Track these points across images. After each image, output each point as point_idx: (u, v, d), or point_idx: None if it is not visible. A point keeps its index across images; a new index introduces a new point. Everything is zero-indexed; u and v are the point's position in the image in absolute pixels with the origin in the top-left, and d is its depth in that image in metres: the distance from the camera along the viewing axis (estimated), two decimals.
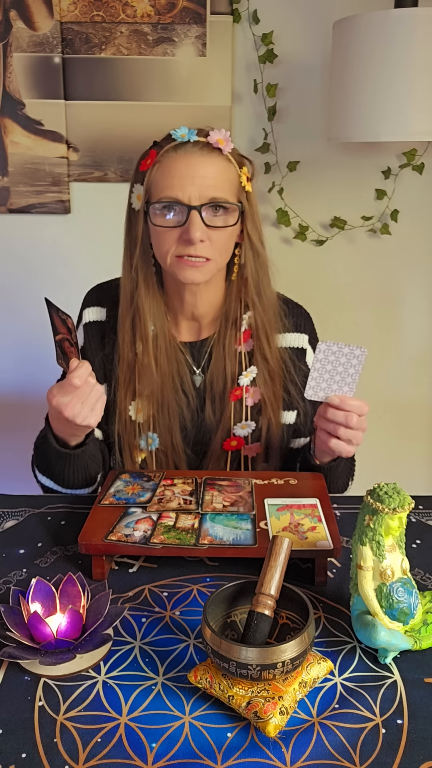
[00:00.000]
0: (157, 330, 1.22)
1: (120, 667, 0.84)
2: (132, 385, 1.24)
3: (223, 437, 1.27)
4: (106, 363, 1.27)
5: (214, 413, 1.27)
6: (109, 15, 1.97)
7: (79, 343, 1.09)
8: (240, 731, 0.75)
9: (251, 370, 1.25)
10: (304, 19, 2.00)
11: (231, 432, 1.27)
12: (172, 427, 1.25)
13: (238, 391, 1.25)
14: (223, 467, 1.29)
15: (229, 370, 1.25)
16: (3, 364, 2.29)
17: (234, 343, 1.25)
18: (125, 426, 1.25)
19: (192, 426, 1.28)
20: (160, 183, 1.13)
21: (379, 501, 0.83)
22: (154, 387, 1.23)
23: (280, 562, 0.81)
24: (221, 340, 1.25)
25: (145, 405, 1.24)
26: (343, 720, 0.76)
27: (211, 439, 1.28)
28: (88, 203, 2.13)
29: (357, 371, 1.08)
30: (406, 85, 1.62)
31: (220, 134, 1.14)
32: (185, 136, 1.12)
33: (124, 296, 1.22)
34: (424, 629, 0.85)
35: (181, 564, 1.03)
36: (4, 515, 1.17)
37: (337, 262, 2.21)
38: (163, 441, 1.26)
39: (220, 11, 1.97)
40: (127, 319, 1.21)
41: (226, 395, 1.26)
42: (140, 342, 1.21)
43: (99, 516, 1.05)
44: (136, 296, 1.20)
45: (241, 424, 1.26)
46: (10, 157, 2.06)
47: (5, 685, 0.81)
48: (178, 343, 1.26)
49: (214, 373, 1.26)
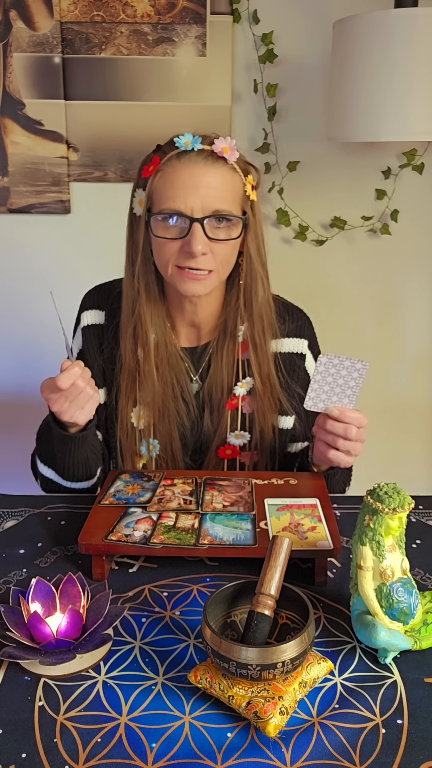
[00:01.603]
0: (158, 338, 1.22)
1: (120, 667, 0.84)
2: (134, 393, 1.23)
3: (218, 446, 1.27)
4: (106, 367, 1.27)
5: (212, 422, 1.27)
6: (109, 15, 1.97)
7: (69, 344, 1.09)
8: (240, 731, 0.75)
9: (247, 381, 1.24)
10: (304, 19, 2.00)
11: (226, 441, 1.27)
12: (172, 434, 1.26)
13: (234, 401, 1.25)
14: None
15: (227, 380, 1.25)
16: (3, 364, 2.29)
17: (231, 352, 1.25)
18: (126, 433, 1.25)
19: (191, 434, 1.28)
20: (162, 193, 1.11)
21: (379, 501, 0.83)
22: (155, 394, 1.23)
23: (280, 562, 0.81)
24: (219, 350, 1.25)
25: (146, 412, 1.24)
26: (343, 720, 0.76)
27: (209, 447, 1.28)
28: (88, 203, 2.13)
29: (357, 384, 1.08)
30: (406, 85, 1.62)
31: (225, 143, 1.11)
32: (189, 144, 1.09)
33: (126, 304, 1.21)
34: (424, 629, 0.85)
35: (181, 564, 1.03)
36: (4, 515, 1.17)
37: (337, 262, 2.21)
38: (163, 448, 1.26)
39: (220, 11, 1.97)
40: (129, 328, 1.21)
41: (223, 404, 1.26)
42: (141, 350, 1.21)
43: (99, 516, 1.05)
44: (137, 305, 1.20)
45: (235, 433, 1.26)
46: (10, 157, 2.06)
47: (5, 685, 0.81)
48: (178, 350, 1.26)
49: (213, 382, 1.26)
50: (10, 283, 2.21)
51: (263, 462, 1.30)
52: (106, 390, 1.28)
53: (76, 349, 1.30)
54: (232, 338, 1.24)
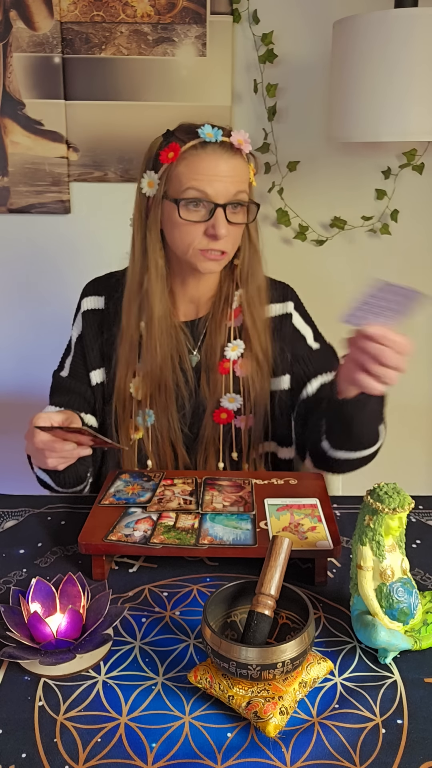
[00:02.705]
0: (160, 312, 1.25)
1: (120, 667, 0.84)
2: (134, 364, 1.27)
3: (214, 409, 1.30)
4: (104, 349, 1.31)
5: (209, 387, 1.30)
6: (109, 15, 1.97)
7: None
8: (240, 731, 0.75)
9: (237, 344, 1.28)
10: (304, 19, 2.00)
11: (220, 404, 1.29)
12: (168, 405, 1.28)
13: (226, 364, 1.29)
14: (218, 444, 1.30)
15: (220, 345, 1.29)
16: (3, 364, 2.29)
17: (226, 320, 1.29)
18: (123, 404, 1.29)
19: (189, 405, 1.30)
20: (186, 178, 1.17)
21: (379, 501, 0.83)
22: (153, 365, 1.26)
23: (280, 562, 0.81)
24: (215, 318, 1.30)
25: (145, 383, 1.27)
26: (343, 720, 0.76)
27: (206, 414, 1.30)
28: (88, 203, 2.13)
29: (406, 311, 0.96)
30: (406, 85, 1.62)
31: (241, 135, 1.20)
32: (212, 136, 1.17)
33: (132, 279, 1.26)
34: (424, 629, 0.85)
35: (181, 564, 1.03)
36: (4, 515, 1.17)
37: (337, 262, 2.21)
38: (159, 418, 1.28)
39: (220, 11, 1.97)
40: (135, 303, 1.25)
41: (216, 368, 1.30)
42: (145, 323, 1.25)
43: (99, 516, 1.05)
44: (145, 281, 1.24)
45: (228, 396, 1.29)
46: (10, 157, 2.06)
47: (5, 685, 0.81)
48: (179, 322, 1.30)
49: (209, 349, 1.30)
50: (10, 283, 2.21)
51: (258, 427, 1.31)
52: (105, 370, 1.31)
53: (76, 334, 1.35)
54: (226, 306, 1.30)
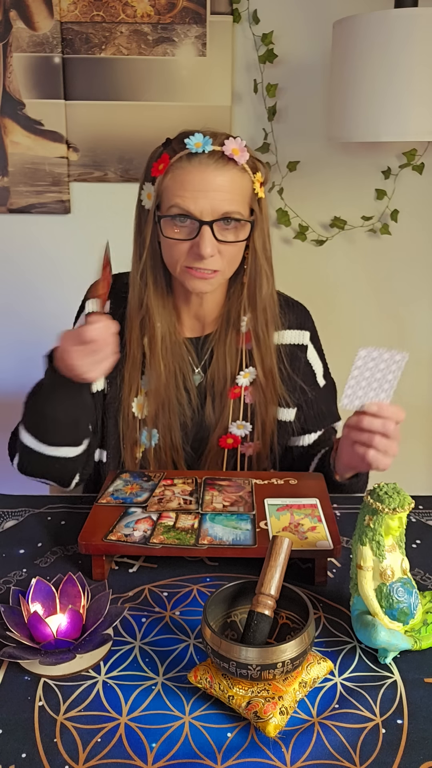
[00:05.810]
0: (164, 329, 1.23)
1: (120, 667, 0.84)
2: (137, 383, 1.25)
3: (220, 435, 1.28)
4: None
5: (214, 411, 1.28)
6: (109, 15, 1.97)
7: None
8: (240, 731, 0.75)
9: (249, 371, 1.26)
10: (304, 19, 2.00)
11: (228, 430, 1.27)
12: (172, 424, 1.26)
13: (236, 390, 1.26)
14: (220, 466, 1.29)
15: (230, 369, 1.26)
16: (3, 364, 2.29)
17: (234, 343, 1.26)
18: (128, 423, 1.26)
19: (192, 424, 1.29)
20: (171, 193, 1.10)
21: (379, 501, 0.83)
22: (158, 384, 1.23)
23: (280, 562, 0.81)
24: (222, 339, 1.26)
25: (149, 401, 1.25)
26: (343, 720, 0.76)
27: (210, 437, 1.28)
28: (88, 203, 2.13)
29: (396, 377, 1.02)
30: (406, 85, 1.62)
31: (236, 143, 1.10)
32: (200, 146, 1.08)
33: (133, 296, 1.22)
34: (424, 629, 0.85)
35: (181, 564, 1.03)
36: (4, 515, 1.17)
37: (337, 262, 2.21)
38: (163, 438, 1.27)
39: (220, 11, 1.97)
40: (136, 320, 1.22)
41: (226, 393, 1.27)
42: (147, 340, 1.22)
43: (99, 516, 1.05)
44: (145, 297, 1.21)
45: (237, 423, 1.27)
46: (10, 157, 2.06)
47: (5, 685, 0.81)
48: (183, 339, 1.27)
49: (215, 372, 1.27)
50: (11, 283, 2.21)
51: (265, 453, 1.30)
52: (106, 379, 1.27)
53: None
54: (234, 329, 1.25)
